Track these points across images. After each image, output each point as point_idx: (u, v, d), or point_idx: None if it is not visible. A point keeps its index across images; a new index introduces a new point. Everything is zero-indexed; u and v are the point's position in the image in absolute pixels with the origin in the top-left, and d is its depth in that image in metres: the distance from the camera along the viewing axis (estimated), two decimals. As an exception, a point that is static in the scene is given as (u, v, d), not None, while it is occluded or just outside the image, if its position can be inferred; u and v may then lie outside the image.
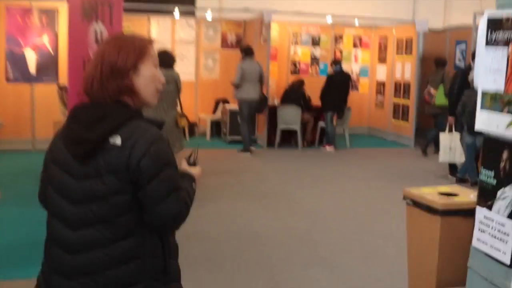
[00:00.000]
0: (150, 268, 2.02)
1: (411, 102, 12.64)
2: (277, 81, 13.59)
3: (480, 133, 3.18)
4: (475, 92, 3.22)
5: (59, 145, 2.06)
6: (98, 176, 1.96)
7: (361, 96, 14.23)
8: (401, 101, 13.07)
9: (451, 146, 9.16)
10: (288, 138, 12.22)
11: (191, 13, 13.60)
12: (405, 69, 12.91)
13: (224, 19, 13.52)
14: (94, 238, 1.97)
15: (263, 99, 11.13)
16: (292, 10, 12.44)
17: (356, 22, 12.89)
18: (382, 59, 13.91)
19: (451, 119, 9.23)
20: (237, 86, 10.75)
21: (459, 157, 9.13)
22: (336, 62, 11.79)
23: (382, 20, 13.46)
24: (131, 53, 2.04)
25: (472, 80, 8.72)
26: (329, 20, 12.53)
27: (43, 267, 2.13)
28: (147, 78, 2.07)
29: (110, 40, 2.11)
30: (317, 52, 13.90)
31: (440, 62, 11.70)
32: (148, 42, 2.13)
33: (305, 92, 12.14)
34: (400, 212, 4.79)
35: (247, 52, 10.92)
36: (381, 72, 13.94)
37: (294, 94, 11.94)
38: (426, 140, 11.49)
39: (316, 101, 11.98)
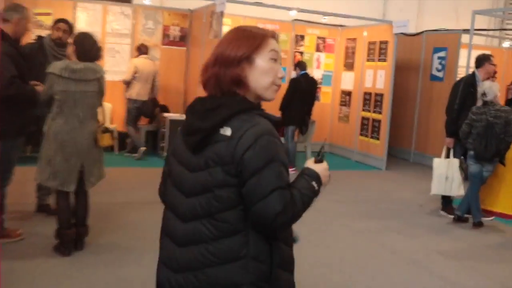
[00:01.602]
0: (253, 272, 1.92)
1: (384, 117, 10.79)
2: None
3: (489, 161, 2.33)
4: (488, 109, 2.49)
5: (179, 137, 2.07)
6: (207, 167, 1.91)
7: (322, 107, 12.25)
8: (371, 115, 11.21)
9: (447, 175, 7.29)
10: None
11: (127, 0, 11.39)
12: (377, 77, 11.05)
13: (166, 9, 11.32)
14: (199, 232, 1.93)
15: (152, 102, 10.23)
16: (251, 0, 10.34)
17: (323, 20, 10.86)
18: (349, 66, 12.02)
19: (449, 141, 7.37)
20: (127, 84, 9.95)
21: (457, 190, 7.30)
22: (301, 64, 9.71)
23: (352, 19, 11.57)
24: (245, 43, 1.99)
25: (484, 94, 6.96)
26: (292, 14, 10.48)
27: (159, 255, 2.11)
28: (261, 70, 1.99)
29: (230, 31, 2.08)
30: (275, 54, 11.87)
31: None
32: (270, 34, 2.07)
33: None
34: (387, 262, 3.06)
35: (141, 49, 10.09)
36: (347, 81, 12.03)
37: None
38: None
39: (273, 110, 9.91)
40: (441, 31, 11.86)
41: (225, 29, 11.04)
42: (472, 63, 8.34)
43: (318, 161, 2.14)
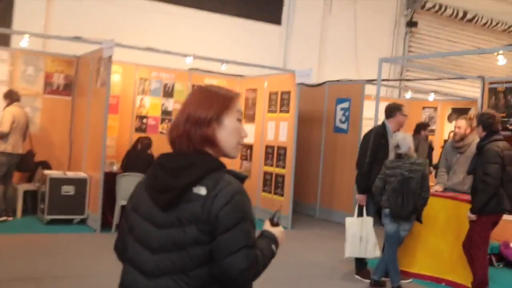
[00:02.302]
0: None
1: (288, 172, 10.13)
2: (117, 140, 10.48)
3: (407, 219, 2.76)
4: (403, 163, 2.75)
5: (142, 194, 2.10)
6: (180, 225, 1.96)
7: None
8: (274, 170, 10.53)
9: (361, 235, 6.63)
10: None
11: (4, 42, 10.20)
12: (280, 130, 10.44)
13: (49, 54, 10.23)
14: None
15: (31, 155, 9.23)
16: (143, 46, 9.47)
17: (223, 67, 10.16)
18: (249, 117, 11.35)
19: (361, 198, 6.74)
20: (3, 137, 8.69)
21: (372, 251, 6.65)
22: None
23: (252, 68, 10.97)
24: (215, 104, 2.08)
25: (398, 146, 6.41)
26: (188, 61, 9.70)
27: None
28: (229, 131, 2.10)
29: (196, 91, 2.18)
30: (170, 104, 11.04)
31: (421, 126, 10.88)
32: (236, 95, 2.19)
33: (153, 155, 9.19)
34: None
35: (13, 96, 8.98)
36: (249, 133, 11.33)
37: (140, 158, 8.93)
38: None
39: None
40: (343, 82, 11.52)
41: (116, 77, 10.17)
42: (380, 114, 7.91)
43: (275, 224, 2.26)
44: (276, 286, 6.31)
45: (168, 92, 11.01)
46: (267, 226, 2.27)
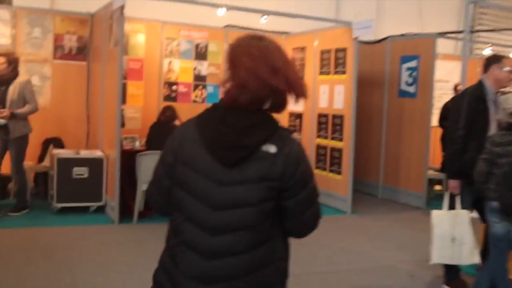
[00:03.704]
0: (281, 271, 2.08)
1: (346, 145, 8.39)
2: (143, 111, 8.91)
3: None
4: None
5: (196, 149, 2.02)
6: (248, 182, 1.95)
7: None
8: (329, 142, 8.79)
9: (454, 235, 4.87)
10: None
11: (6, 1, 8.70)
12: (335, 95, 8.66)
13: (59, 12, 8.66)
14: (235, 244, 1.97)
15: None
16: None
17: (263, 20, 8.35)
18: (297, 81, 9.59)
19: (453, 185, 4.95)
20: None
21: (469, 256, 4.89)
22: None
23: (299, 24, 9.18)
24: (285, 54, 2.06)
25: (510, 113, 4.48)
26: (221, 13, 7.92)
27: (169, 271, 2.05)
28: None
29: (279, 47, 2.07)
30: (204, 68, 9.37)
31: None
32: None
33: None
34: None
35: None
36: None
37: (163, 132, 7.31)
38: None
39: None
40: (409, 36, 9.61)
41: (139, 38, 8.63)
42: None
43: None
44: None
45: (200, 54, 9.33)
46: None
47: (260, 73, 1.96)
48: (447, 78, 10.68)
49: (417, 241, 6.95)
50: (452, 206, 4.93)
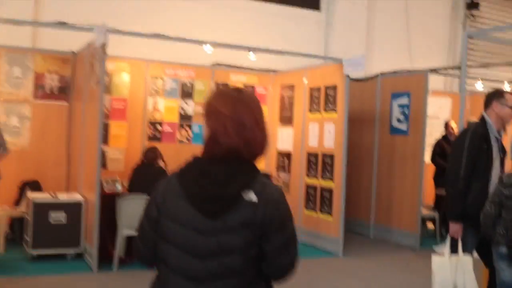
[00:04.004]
0: None
1: (337, 185, 8.08)
2: (126, 152, 8.58)
3: None
4: None
5: (178, 202, 2.07)
6: (232, 230, 2.00)
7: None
8: (320, 182, 8.49)
9: (456, 283, 4.54)
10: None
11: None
12: (325, 133, 8.39)
13: (40, 51, 8.40)
14: None
15: None
16: (147, 32, 7.52)
17: (252, 57, 8.09)
18: (286, 120, 9.34)
19: (455, 228, 4.63)
20: None
21: (472, 306, 4.53)
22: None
23: (287, 62, 8.98)
24: (260, 106, 2.18)
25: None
26: (207, 49, 7.66)
27: None
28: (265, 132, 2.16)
29: (243, 101, 2.13)
30: (190, 107, 9.10)
31: None
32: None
33: (165, 169, 7.26)
34: None
35: None
36: (285, 139, 9.32)
37: (146, 174, 7.01)
38: None
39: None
40: (400, 73, 9.42)
41: (123, 77, 8.38)
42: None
43: None
44: None
45: (187, 93, 9.07)
46: None
47: (228, 128, 2.05)
48: (436, 115, 10.49)
49: (412, 285, 6.60)
50: (454, 250, 4.60)
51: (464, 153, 4.61)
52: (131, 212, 6.63)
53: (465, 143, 4.64)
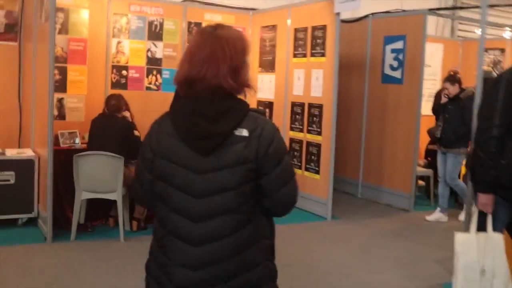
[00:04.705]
0: (266, 249, 2.13)
1: (326, 139, 7.23)
2: (87, 100, 7.53)
3: None
4: None
5: (171, 141, 2.08)
6: (225, 168, 2.00)
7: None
8: (305, 136, 7.62)
9: (483, 265, 3.74)
10: (100, 214, 6.31)
11: None
12: (312, 81, 7.47)
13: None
14: (219, 229, 2.02)
15: None
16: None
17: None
18: (267, 65, 8.36)
19: (485, 200, 3.78)
20: None
21: (503, 293, 3.75)
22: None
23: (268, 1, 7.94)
24: (245, 49, 2.11)
25: None
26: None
27: (159, 260, 2.12)
28: (247, 69, 2.14)
29: (219, 37, 2.08)
30: (159, 49, 8.03)
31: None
32: (244, 34, 2.22)
33: (131, 121, 6.31)
34: None
35: None
36: (266, 87, 8.36)
37: (107, 127, 6.04)
38: None
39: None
40: (394, 14, 8.45)
41: (82, 15, 7.29)
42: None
43: None
44: None
45: (155, 33, 7.97)
46: None
47: (204, 66, 2.03)
48: (429, 62, 9.64)
49: (414, 255, 5.87)
50: (481, 227, 3.78)
51: (497, 107, 3.73)
52: (91, 171, 5.70)
53: (498, 94, 3.75)
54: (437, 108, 7.56)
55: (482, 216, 3.78)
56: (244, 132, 2.00)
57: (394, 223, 7.23)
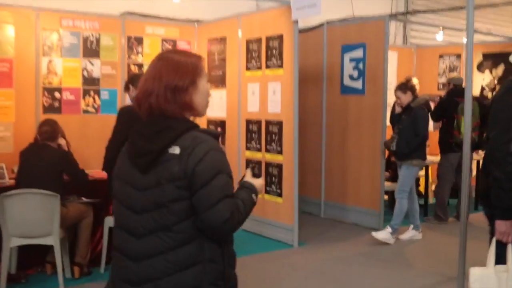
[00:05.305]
0: (210, 273, 2.08)
1: (288, 159, 6.57)
2: (15, 128, 6.63)
3: None
4: None
5: (124, 161, 2.18)
6: (159, 185, 2.05)
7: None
8: (264, 156, 6.93)
9: (505, 305, 3.11)
10: (35, 260, 5.43)
11: None
12: (269, 95, 6.80)
13: None
14: (156, 245, 2.04)
15: None
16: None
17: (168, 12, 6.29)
18: (217, 80, 7.65)
19: (505, 227, 3.17)
20: None
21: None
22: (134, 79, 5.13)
23: (216, 9, 7.23)
24: (189, 70, 2.14)
25: None
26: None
27: (111, 274, 2.20)
28: (202, 92, 2.17)
29: (165, 59, 2.18)
30: (96, 68, 7.20)
31: None
32: (202, 58, 2.25)
33: (67, 150, 5.46)
34: None
35: None
36: (216, 104, 7.63)
37: (41, 157, 5.17)
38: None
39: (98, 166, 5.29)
40: (351, 20, 7.90)
41: (7, 30, 6.42)
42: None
43: (256, 175, 2.30)
44: None
45: (91, 50, 7.15)
46: (248, 177, 2.29)
47: (152, 85, 2.11)
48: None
49: (399, 285, 5.24)
50: (500, 259, 3.16)
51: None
52: (20, 213, 4.81)
53: (511, 104, 3.17)
54: (393, 119, 7.07)
55: (501, 247, 3.16)
56: (177, 150, 2.03)
57: (367, 246, 6.62)
